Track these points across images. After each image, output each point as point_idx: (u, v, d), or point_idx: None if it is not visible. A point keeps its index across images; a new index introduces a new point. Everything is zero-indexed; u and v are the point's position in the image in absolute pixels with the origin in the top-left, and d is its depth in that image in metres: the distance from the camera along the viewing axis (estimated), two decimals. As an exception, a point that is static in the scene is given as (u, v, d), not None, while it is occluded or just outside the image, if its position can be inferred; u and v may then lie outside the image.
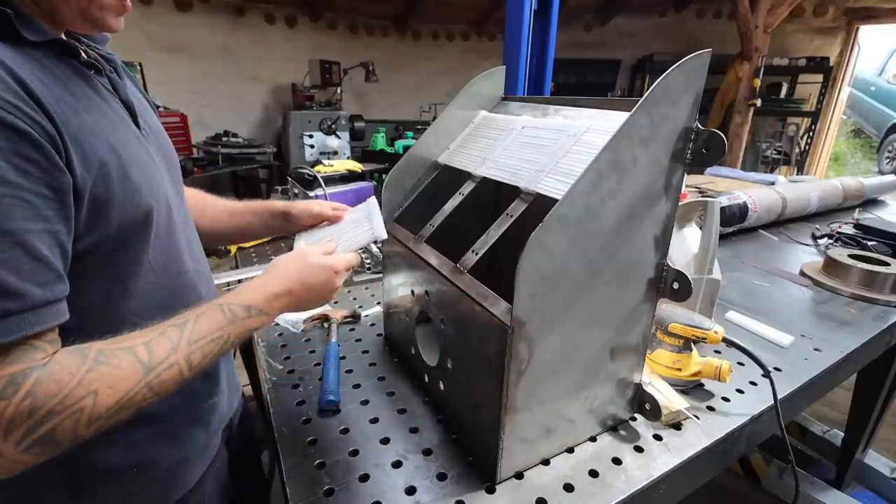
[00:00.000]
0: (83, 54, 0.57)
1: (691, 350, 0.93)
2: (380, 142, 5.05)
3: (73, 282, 0.50)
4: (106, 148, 0.53)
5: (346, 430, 0.82)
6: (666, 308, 0.93)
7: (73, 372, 0.46)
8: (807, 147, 6.12)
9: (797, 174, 5.99)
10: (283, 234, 0.92)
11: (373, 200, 0.88)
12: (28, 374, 0.43)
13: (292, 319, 1.19)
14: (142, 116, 0.66)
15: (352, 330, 1.18)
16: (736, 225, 1.90)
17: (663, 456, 0.77)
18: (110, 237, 0.54)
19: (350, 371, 1.00)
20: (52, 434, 0.45)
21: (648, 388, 0.83)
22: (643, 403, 0.83)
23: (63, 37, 0.55)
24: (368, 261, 1.53)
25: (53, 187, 0.46)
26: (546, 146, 0.81)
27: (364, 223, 0.84)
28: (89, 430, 0.47)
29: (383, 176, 4.34)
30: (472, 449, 0.78)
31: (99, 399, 0.46)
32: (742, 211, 1.88)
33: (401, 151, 4.59)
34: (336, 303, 1.32)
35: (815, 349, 1.10)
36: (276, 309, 0.65)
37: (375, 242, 0.82)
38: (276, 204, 0.92)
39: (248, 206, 0.93)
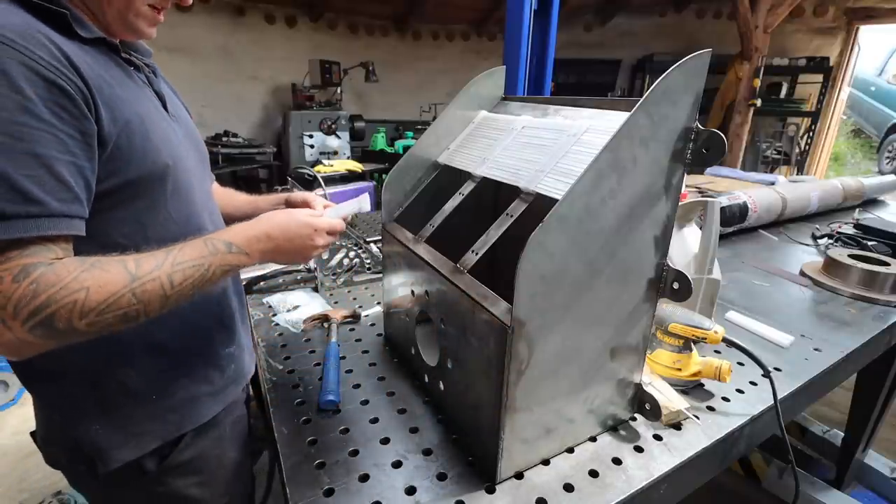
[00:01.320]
0: (124, 52, 0.70)
1: (691, 350, 0.93)
2: (380, 142, 5.05)
3: (97, 218, 0.62)
4: (132, 113, 0.65)
5: (346, 430, 0.82)
6: (666, 308, 0.93)
7: (71, 271, 0.55)
8: (807, 147, 6.12)
9: (797, 174, 5.99)
10: None
11: (365, 196, 0.94)
12: (37, 266, 0.53)
13: (292, 319, 1.19)
14: (171, 105, 0.79)
15: (352, 330, 1.18)
16: (736, 225, 1.90)
17: (663, 456, 0.77)
18: (130, 184, 0.65)
19: (350, 371, 1.00)
20: (52, 319, 0.53)
21: (648, 388, 0.83)
22: (643, 403, 0.83)
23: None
24: (368, 261, 1.53)
25: (81, 131, 0.57)
26: (546, 146, 0.81)
27: (353, 203, 0.92)
28: (82, 322, 0.55)
29: (383, 176, 4.34)
30: (472, 449, 0.78)
31: (90, 295, 0.55)
32: (742, 211, 1.88)
33: (401, 151, 4.59)
34: (336, 303, 1.32)
35: (815, 349, 1.10)
36: (256, 251, 0.71)
37: (358, 216, 0.93)
38: (281, 194, 1.05)
39: (265, 197, 1.07)
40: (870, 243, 1.74)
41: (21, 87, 0.52)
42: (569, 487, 0.71)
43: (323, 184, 1.78)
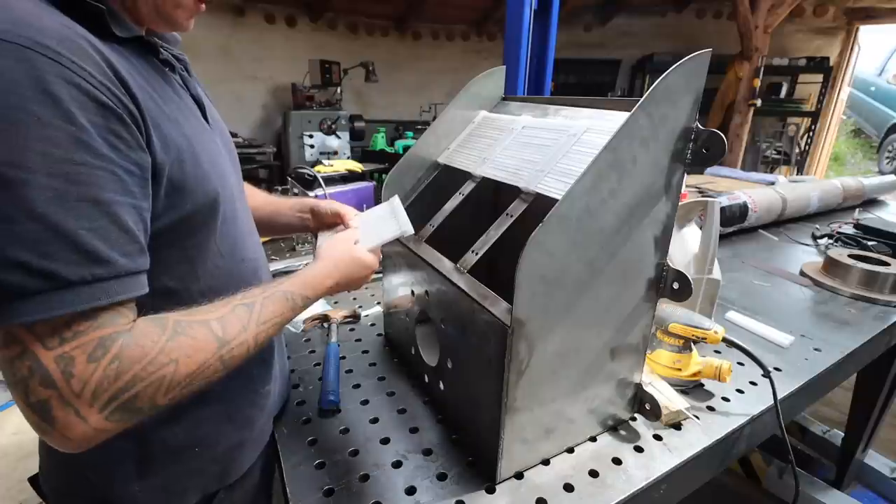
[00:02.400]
0: (161, 52, 0.61)
1: (691, 350, 0.93)
2: (380, 142, 5.05)
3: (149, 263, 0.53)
4: (180, 135, 0.56)
5: (346, 430, 0.82)
6: (666, 308, 0.93)
7: (156, 340, 0.47)
8: (807, 147, 6.12)
9: (797, 174, 5.99)
10: (303, 231, 0.95)
11: (396, 199, 0.89)
12: (115, 338, 0.45)
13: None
14: (209, 111, 0.70)
15: (352, 330, 1.18)
16: (736, 225, 1.90)
17: (663, 456, 0.77)
18: (183, 220, 0.56)
19: (350, 371, 1.00)
20: (134, 400, 0.46)
21: (648, 388, 0.83)
22: (643, 403, 0.83)
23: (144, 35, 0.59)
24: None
25: (138, 164, 0.49)
26: (546, 146, 0.81)
27: (389, 219, 0.85)
28: (166, 398, 0.48)
29: (383, 176, 4.34)
30: (472, 449, 0.78)
31: (179, 368, 0.48)
32: (742, 211, 1.88)
33: (401, 151, 4.59)
34: (336, 303, 1.32)
35: (815, 349, 1.10)
36: (324, 295, 0.70)
37: (400, 239, 0.85)
38: (306, 200, 0.95)
39: (284, 199, 0.97)
40: (870, 243, 1.74)
41: (72, 114, 0.43)
42: (569, 487, 0.71)
43: (323, 184, 1.78)
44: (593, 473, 0.74)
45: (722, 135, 0.66)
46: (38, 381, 0.42)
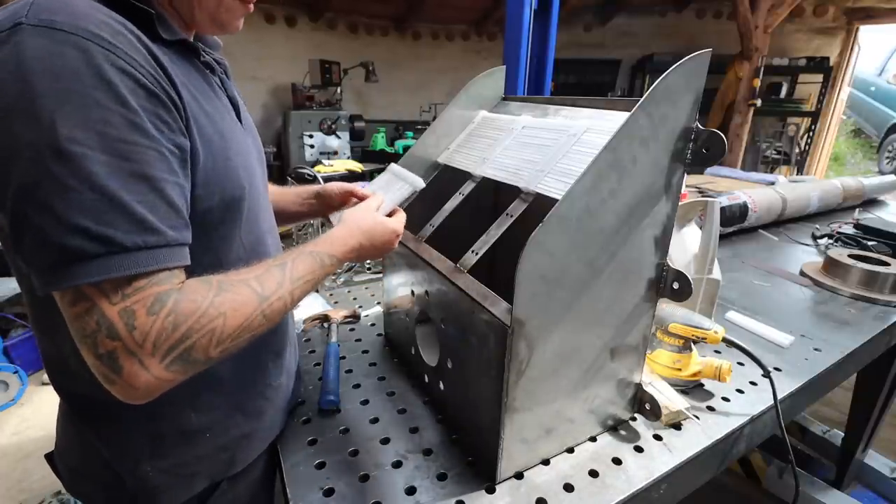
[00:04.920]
0: (203, 54, 0.64)
1: (691, 350, 0.93)
2: (380, 142, 5.05)
3: None
4: (215, 131, 0.59)
5: (346, 430, 0.82)
6: (666, 308, 0.93)
7: (204, 295, 0.51)
8: (807, 147, 6.12)
9: (797, 174, 5.99)
10: (314, 216, 0.99)
11: (393, 165, 0.91)
12: (170, 293, 0.49)
13: (292, 319, 1.19)
14: (243, 113, 0.74)
15: (352, 330, 1.18)
16: (736, 225, 1.90)
17: (663, 456, 0.77)
18: (212, 211, 0.60)
19: (350, 371, 1.00)
20: (190, 351, 0.49)
21: (648, 388, 0.83)
22: (643, 403, 0.83)
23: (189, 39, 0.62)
24: (369, 261, 1.53)
25: (180, 147, 0.52)
26: (546, 146, 0.81)
27: (397, 182, 0.87)
28: (217, 350, 0.52)
29: (383, 176, 4.32)
30: (472, 449, 0.78)
31: (227, 321, 0.52)
32: (742, 211, 1.88)
33: (401, 151, 4.59)
34: (336, 303, 1.32)
35: (815, 349, 1.10)
36: (348, 259, 0.71)
37: (415, 194, 0.87)
38: (310, 186, 0.98)
39: (292, 188, 1.00)
40: (870, 243, 1.74)
41: (126, 98, 0.47)
42: (569, 487, 0.71)
43: (323, 183, 1.78)
44: (593, 473, 0.74)
45: (722, 135, 0.66)
46: (104, 333, 0.46)
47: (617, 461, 0.76)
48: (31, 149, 0.44)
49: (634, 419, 0.85)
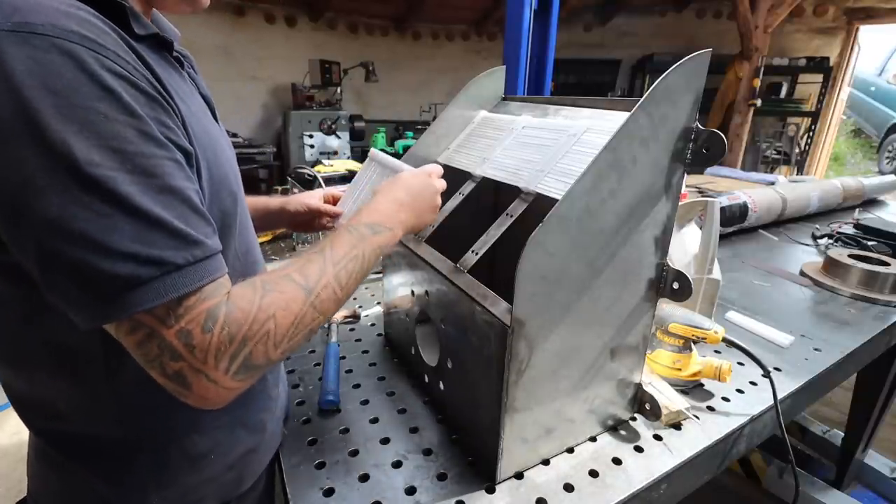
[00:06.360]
0: (173, 49, 0.60)
1: (691, 350, 0.93)
2: (380, 142, 5.05)
3: None
4: (203, 132, 0.56)
5: (346, 430, 0.82)
6: (666, 308, 0.93)
7: (251, 300, 0.49)
8: (807, 147, 6.13)
9: (797, 174, 5.99)
10: (280, 228, 0.94)
11: (375, 151, 0.89)
12: (220, 307, 0.48)
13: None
14: (216, 111, 0.70)
15: (352, 330, 1.18)
16: (736, 225, 1.90)
17: (663, 456, 0.77)
18: (215, 220, 0.56)
19: (350, 371, 1.00)
20: (251, 358, 0.49)
21: (648, 388, 0.83)
22: (643, 403, 0.83)
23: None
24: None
25: (186, 152, 0.49)
26: (546, 146, 0.81)
27: (385, 171, 0.85)
28: (278, 351, 0.51)
29: (383, 176, 4.32)
30: (472, 449, 0.78)
31: (278, 321, 0.50)
32: (742, 211, 1.88)
33: (401, 151, 4.59)
34: (336, 303, 1.32)
35: (815, 349, 1.10)
36: (398, 223, 0.68)
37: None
38: (270, 201, 0.94)
39: (251, 198, 0.95)
40: (870, 243, 1.74)
41: (132, 106, 0.43)
42: (569, 487, 0.71)
43: (323, 184, 1.78)
44: (593, 473, 0.74)
45: (722, 135, 0.66)
46: (168, 357, 0.45)
47: (617, 461, 0.76)
48: (48, 177, 0.40)
49: (634, 419, 0.85)
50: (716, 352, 1.07)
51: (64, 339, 0.52)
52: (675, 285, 0.74)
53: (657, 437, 0.82)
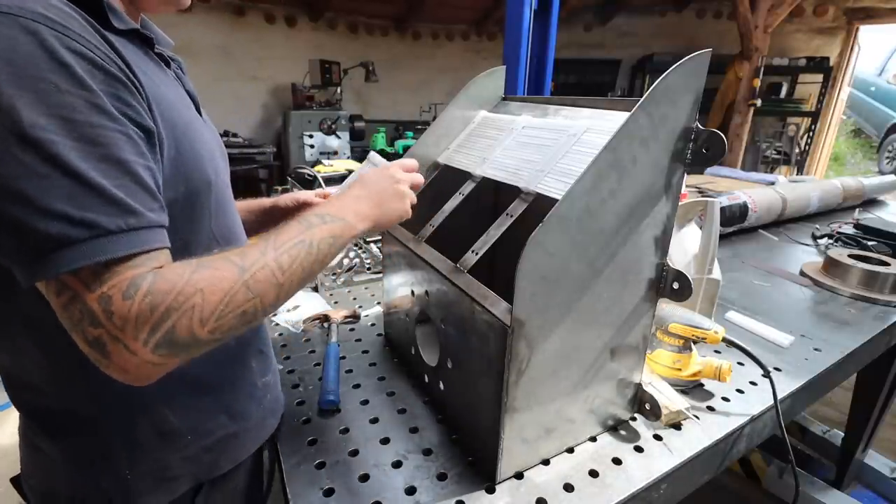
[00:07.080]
0: (155, 45, 0.63)
1: (691, 350, 0.93)
2: (380, 142, 5.06)
3: None
4: (177, 116, 0.58)
5: (346, 430, 0.82)
6: (666, 308, 0.93)
7: (181, 273, 0.49)
8: (807, 147, 6.13)
9: (797, 174, 5.99)
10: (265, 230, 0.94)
11: (371, 153, 0.90)
12: (145, 276, 0.47)
13: (292, 319, 1.19)
14: (202, 110, 0.72)
15: (352, 330, 1.18)
16: (736, 225, 1.90)
17: (663, 456, 0.77)
18: (178, 200, 0.58)
19: (350, 371, 1.00)
20: (173, 332, 0.48)
21: (648, 388, 0.83)
22: (643, 403, 0.83)
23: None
24: (368, 261, 1.53)
25: (146, 129, 0.51)
26: (546, 146, 0.81)
27: (369, 169, 0.85)
28: (204, 329, 0.50)
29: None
30: (472, 449, 0.78)
31: (206, 296, 0.49)
32: (742, 211, 1.88)
33: (401, 151, 4.60)
34: (336, 303, 1.32)
35: (815, 349, 1.10)
36: (351, 212, 0.67)
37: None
38: (264, 201, 0.96)
39: (242, 203, 0.96)
40: (870, 243, 1.74)
41: (85, 80, 0.45)
42: (569, 487, 0.71)
43: (323, 184, 1.78)
44: (593, 473, 0.74)
45: (722, 135, 0.66)
46: (87, 322, 0.45)
47: (617, 461, 0.76)
48: None
49: (634, 419, 0.85)
50: (716, 352, 1.07)
51: (32, 311, 0.53)
52: (675, 285, 0.74)
53: (657, 437, 0.82)
